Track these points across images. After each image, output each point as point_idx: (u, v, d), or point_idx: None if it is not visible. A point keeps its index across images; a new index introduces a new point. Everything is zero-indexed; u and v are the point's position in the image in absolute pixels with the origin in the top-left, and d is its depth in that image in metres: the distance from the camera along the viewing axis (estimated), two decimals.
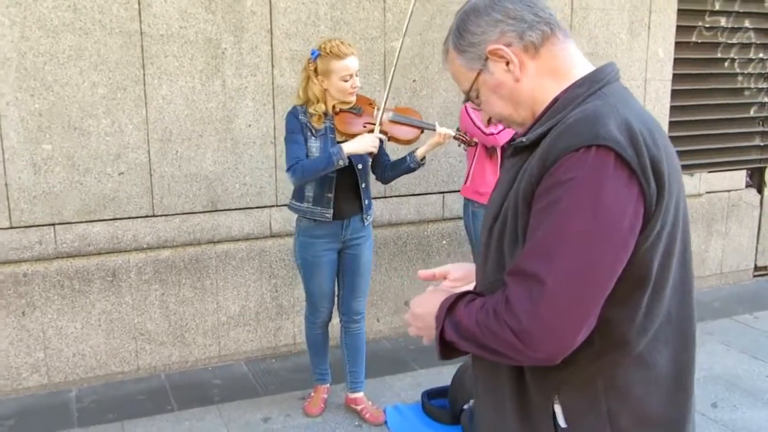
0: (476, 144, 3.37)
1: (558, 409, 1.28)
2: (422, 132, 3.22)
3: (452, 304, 1.34)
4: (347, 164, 3.00)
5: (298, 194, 3.19)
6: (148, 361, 3.83)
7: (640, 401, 1.27)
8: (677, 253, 1.27)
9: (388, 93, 3.11)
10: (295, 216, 3.27)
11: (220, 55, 3.70)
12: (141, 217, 3.69)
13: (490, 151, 3.74)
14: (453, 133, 3.24)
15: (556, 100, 1.29)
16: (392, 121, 3.17)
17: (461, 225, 4.47)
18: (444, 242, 4.47)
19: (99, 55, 3.46)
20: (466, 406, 3.22)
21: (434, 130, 3.19)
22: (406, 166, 3.23)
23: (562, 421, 1.28)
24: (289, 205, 3.26)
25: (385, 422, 3.37)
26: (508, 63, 1.30)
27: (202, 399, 3.59)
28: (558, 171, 1.16)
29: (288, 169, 3.08)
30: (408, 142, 3.22)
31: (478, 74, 1.33)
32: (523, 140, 1.29)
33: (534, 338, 1.16)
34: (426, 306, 1.41)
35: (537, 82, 1.30)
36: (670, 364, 1.29)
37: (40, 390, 3.63)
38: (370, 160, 3.22)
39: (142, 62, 3.55)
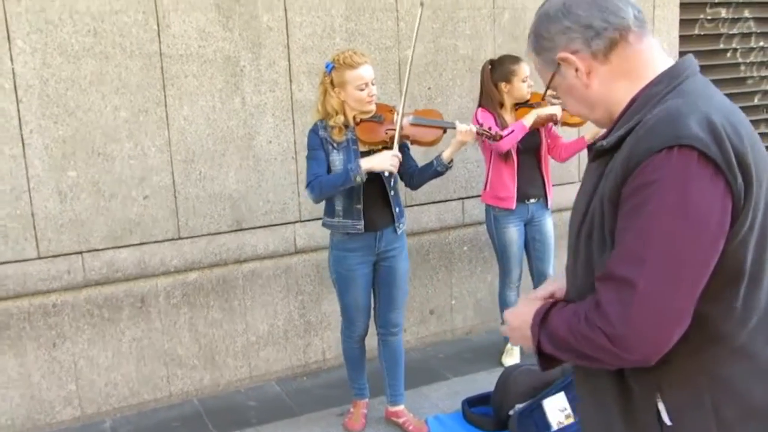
0: (501, 137, 3.37)
1: (662, 406, 1.29)
2: (445, 132, 3.21)
3: (545, 315, 1.35)
4: (365, 180, 2.98)
5: (329, 209, 3.17)
6: (179, 386, 3.77)
7: (744, 393, 1.27)
8: None
9: (405, 97, 3.10)
10: (329, 231, 3.24)
11: (239, 73, 3.67)
12: (167, 240, 3.64)
13: (504, 155, 3.74)
14: (475, 129, 3.21)
15: (633, 100, 1.30)
16: (413, 124, 3.16)
17: (481, 230, 4.46)
18: (465, 248, 4.46)
19: (120, 79, 3.42)
20: (511, 412, 3.19)
21: (455, 128, 3.16)
22: (434, 170, 3.21)
23: (666, 419, 1.28)
24: (323, 221, 3.23)
25: None
26: (576, 69, 1.33)
27: (240, 422, 3.55)
28: (642, 173, 1.17)
29: (307, 186, 3.07)
30: (431, 143, 3.20)
31: (553, 75, 1.38)
32: (603, 144, 1.30)
33: (628, 341, 1.18)
34: (520, 317, 1.44)
35: (609, 85, 1.33)
36: None
37: (74, 423, 3.56)
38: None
39: (162, 83, 3.51)
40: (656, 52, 1.35)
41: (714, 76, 5.21)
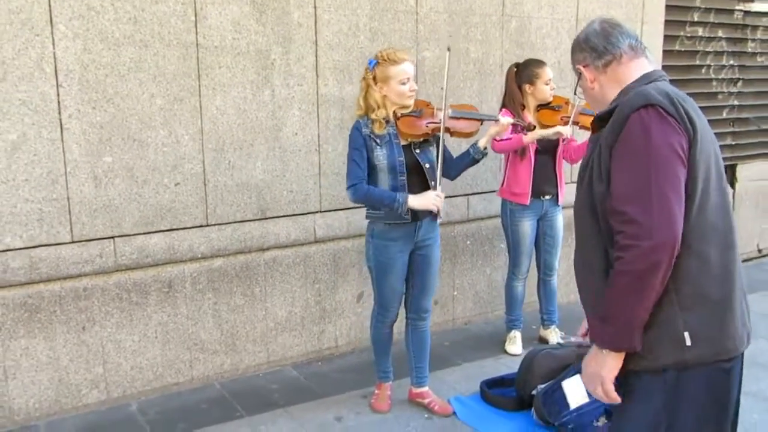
0: (534, 127, 3.68)
1: None
2: (482, 123, 3.45)
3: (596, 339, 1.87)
4: (407, 214, 3.19)
5: None
6: (201, 370, 3.85)
7: (697, 282, 1.78)
8: (714, 181, 1.79)
9: (446, 92, 3.27)
10: (368, 221, 3.38)
11: (270, 66, 3.78)
12: (196, 227, 3.72)
13: (521, 155, 3.98)
14: (512, 121, 3.55)
15: (619, 94, 1.91)
16: (452, 117, 3.35)
17: (483, 225, 4.70)
18: (468, 242, 4.68)
19: (158, 67, 3.49)
20: (534, 392, 3.41)
21: (497, 120, 3.44)
22: (471, 158, 3.40)
23: None
24: (367, 213, 3.35)
25: (454, 413, 3.53)
26: (587, 77, 1.99)
27: (268, 404, 3.65)
28: (627, 126, 1.76)
29: (349, 188, 3.20)
30: (470, 134, 3.41)
31: (579, 77, 2.04)
32: (600, 113, 1.92)
33: (654, 228, 1.66)
34: (590, 367, 1.89)
35: (606, 88, 1.96)
36: (719, 259, 1.79)
37: (99, 406, 3.59)
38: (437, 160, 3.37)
39: (197, 73, 3.59)
40: (644, 67, 1.93)
41: (689, 90, 5.60)
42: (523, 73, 3.97)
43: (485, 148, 3.38)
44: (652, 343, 1.77)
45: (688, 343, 1.76)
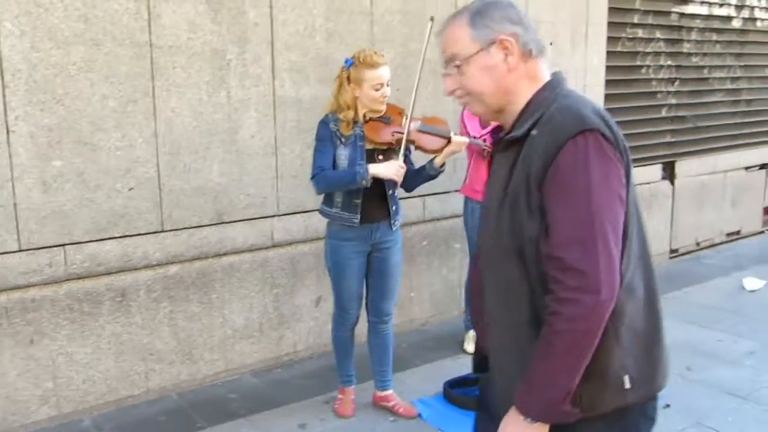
0: (488, 150, 3.64)
1: None
2: (449, 141, 3.36)
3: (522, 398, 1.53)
4: (369, 185, 3.13)
5: (328, 200, 3.28)
6: (157, 381, 3.72)
7: (631, 319, 1.54)
8: (635, 212, 1.58)
9: (414, 102, 3.26)
10: (325, 221, 3.35)
11: (225, 67, 3.69)
12: (150, 233, 3.59)
13: (485, 154, 4.01)
14: (467, 141, 3.48)
15: (530, 102, 1.57)
16: (420, 131, 3.33)
17: (439, 226, 4.73)
18: (424, 243, 4.69)
19: (109, 67, 3.35)
20: None
21: (449, 140, 3.34)
22: (426, 174, 3.37)
23: None
24: (320, 209, 3.33)
25: (419, 415, 3.53)
26: (507, 55, 1.55)
27: (228, 414, 3.56)
28: (563, 160, 1.45)
29: (312, 178, 3.17)
30: (434, 151, 3.35)
31: (479, 51, 1.55)
32: (516, 134, 1.55)
33: (601, 281, 1.42)
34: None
35: (520, 80, 1.57)
36: (645, 291, 1.58)
37: (50, 423, 3.42)
38: None
39: (151, 74, 3.47)
40: (545, 70, 1.62)
41: (630, 89, 5.80)
42: None
43: (442, 166, 3.34)
44: (592, 394, 1.52)
45: (627, 386, 1.55)
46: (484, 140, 3.90)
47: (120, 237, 3.51)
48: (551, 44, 4.68)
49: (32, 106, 3.18)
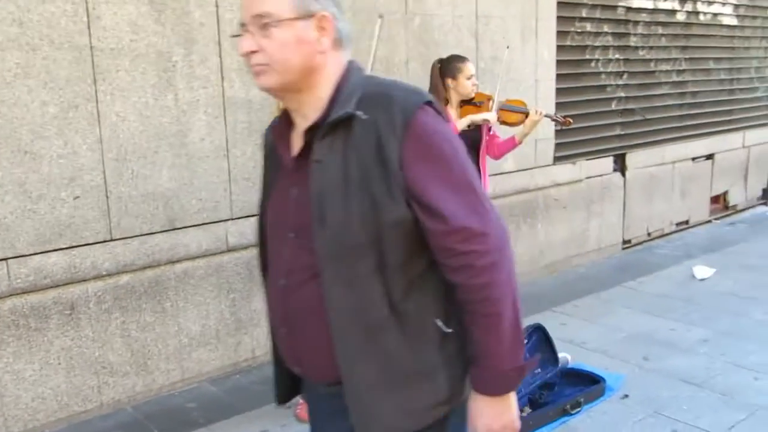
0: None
1: (438, 322, 1.48)
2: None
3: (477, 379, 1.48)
4: None
5: None
6: (111, 395, 3.61)
7: (448, 294, 1.48)
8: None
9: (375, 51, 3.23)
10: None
11: (171, 68, 3.59)
12: (98, 242, 3.47)
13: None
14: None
15: (340, 85, 1.45)
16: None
17: None
18: None
19: (48, 72, 3.22)
20: None
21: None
22: None
23: (445, 329, 1.48)
24: None
25: None
26: (321, 35, 1.42)
27: (187, 424, 3.47)
28: (421, 132, 1.38)
29: None
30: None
31: (296, 19, 1.39)
32: (340, 116, 1.40)
33: (499, 236, 1.41)
34: (495, 422, 1.50)
35: (326, 64, 1.44)
36: None
37: None
38: None
39: (93, 78, 3.35)
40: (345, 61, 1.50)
41: (581, 83, 5.86)
42: (446, 67, 3.98)
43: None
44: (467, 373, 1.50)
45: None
46: None
47: (66, 248, 3.38)
48: (507, 48, 4.68)
49: None
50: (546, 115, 4.09)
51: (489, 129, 4.10)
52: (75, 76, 3.30)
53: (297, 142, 1.52)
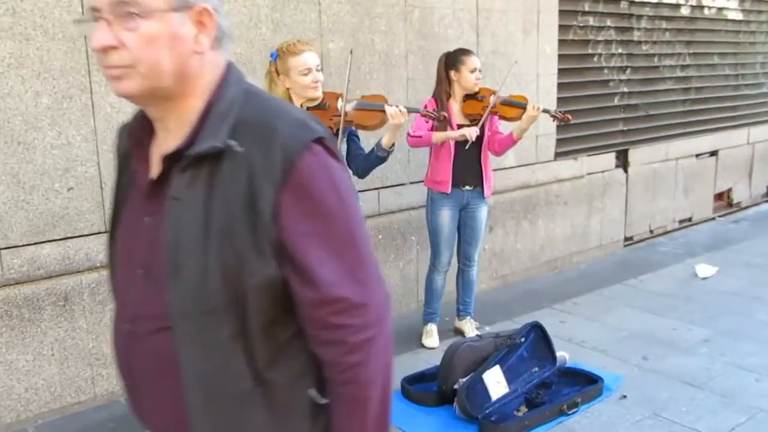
0: (444, 119, 3.65)
1: (312, 392, 1.26)
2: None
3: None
4: None
5: None
6: (105, 387, 3.59)
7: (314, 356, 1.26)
8: None
9: (348, 82, 3.19)
10: None
11: None
12: (93, 234, 3.45)
13: (441, 143, 3.97)
14: (402, 109, 3.20)
15: (212, 103, 1.19)
16: (356, 110, 3.25)
17: (394, 219, 4.68)
18: (380, 236, 4.62)
19: (42, 62, 3.19)
20: (456, 385, 3.41)
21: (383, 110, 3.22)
22: (375, 156, 3.31)
23: (320, 399, 1.26)
24: None
25: None
26: (200, 32, 1.17)
27: None
28: (303, 174, 1.13)
29: None
30: (375, 126, 3.27)
31: (170, 11, 1.13)
32: (206, 149, 1.14)
33: (380, 307, 1.21)
34: None
35: (203, 68, 1.19)
36: None
37: None
38: (344, 155, 3.29)
39: (88, 69, 3.32)
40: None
41: (583, 78, 5.81)
42: (450, 60, 3.97)
43: (391, 147, 3.28)
44: None
45: None
46: (416, 144, 3.91)
47: (60, 239, 3.36)
48: (516, 63, 4.64)
49: None
50: (544, 111, 3.98)
51: (491, 124, 4.06)
52: (69, 66, 3.27)
53: (156, 161, 1.23)
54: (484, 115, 3.94)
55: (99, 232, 3.46)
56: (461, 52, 3.97)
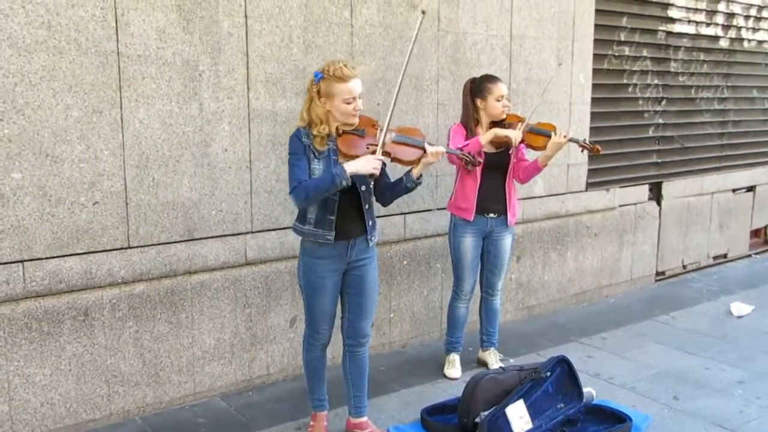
0: (472, 161, 3.50)
1: None
2: (424, 152, 3.22)
3: None
4: (350, 185, 3.00)
5: (301, 216, 3.15)
6: (121, 405, 3.55)
7: None
8: None
9: (392, 114, 3.13)
10: (300, 238, 3.21)
11: (198, 78, 3.56)
12: (116, 249, 3.44)
13: (470, 167, 3.88)
14: (443, 150, 3.24)
15: None
16: (395, 142, 3.20)
17: (419, 245, 4.60)
18: (405, 262, 4.55)
19: (74, 76, 3.21)
20: (478, 419, 3.30)
21: (424, 150, 3.18)
22: (403, 186, 3.26)
23: None
24: (293, 227, 3.20)
25: None
26: None
27: None
28: None
29: (291, 192, 3.04)
30: (410, 163, 3.23)
31: None
32: None
33: None
34: None
35: None
36: None
37: None
38: (372, 182, 3.23)
39: (119, 84, 3.33)
40: None
41: (617, 108, 5.72)
42: (477, 87, 3.91)
43: (419, 178, 3.20)
44: None
45: None
46: (466, 151, 3.79)
47: (83, 253, 3.35)
48: (560, 65, 4.56)
49: None
50: (573, 140, 3.86)
51: (518, 151, 3.98)
52: (100, 81, 3.28)
53: None
54: (514, 145, 3.86)
55: (122, 248, 3.45)
56: (488, 80, 3.90)
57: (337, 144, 3.07)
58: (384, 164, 3.23)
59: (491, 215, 3.97)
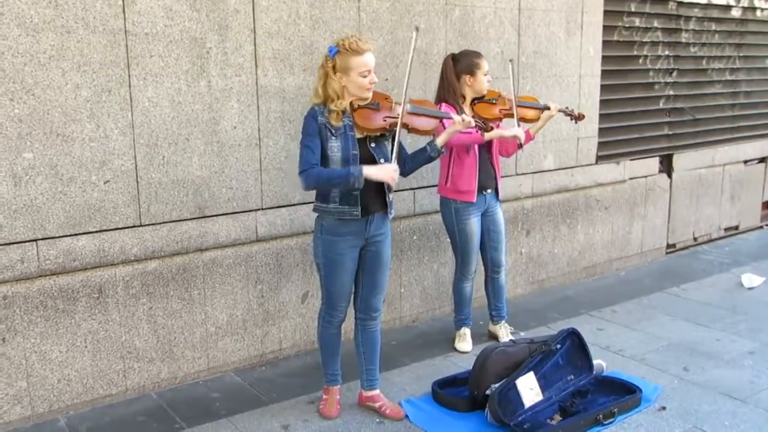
0: (492, 128, 3.53)
1: None
2: (440, 121, 3.30)
3: None
4: (362, 186, 3.02)
5: (322, 196, 3.15)
6: (136, 380, 3.60)
7: None
8: None
9: (407, 85, 3.14)
10: (313, 216, 3.23)
11: (205, 55, 3.55)
12: (128, 227, 3.46)
13: (467, 149, 3.88)
14: (472, 122, 3.30)
15: None
16: (411, 113, 3.21)
17: (429, 220, 4.60)
18: (415, 237, 4.56)
19: (82, 55, 3.21)
20: (488, 391, 3.33)
21: (451, 119, 3.28)
22: (427, 155, 3.28)
23: None
24: (315, 207, 3.20)
25: (406, 416, 3.41)
26: None
27: (209, 414, 3.44)
28: None
29: (300, 173, 3.05)
30: (427, 132, 3.29)
31: None
32: None
33: None
34: None
35: None
36: None
37: (24, 423, 3.31)
38: (393, 155, 3.21)
39: (127, 62, 3.33)
40: None
41: (627, 80, 5.67)
42: (463, 63, 3.87)
43: (443, 147, 3.25)
44: None
45: None
46: (470, 142, 3.82)
47: (96, 232, 3.38)
48: (511, 61, 4.52)
49: (1, 97, 3.04)
50: (560, 110, 4.01)
51: (499, 127, 3.95)
52: (109, 59, 3.28)
53: None
54: (515, 119, 3.87)
55: (134, 226, 3.47)
56: (473, 55, 3.87)
57: (353, 119, 3.07)
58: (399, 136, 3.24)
59: (488, 191, 3.99)
